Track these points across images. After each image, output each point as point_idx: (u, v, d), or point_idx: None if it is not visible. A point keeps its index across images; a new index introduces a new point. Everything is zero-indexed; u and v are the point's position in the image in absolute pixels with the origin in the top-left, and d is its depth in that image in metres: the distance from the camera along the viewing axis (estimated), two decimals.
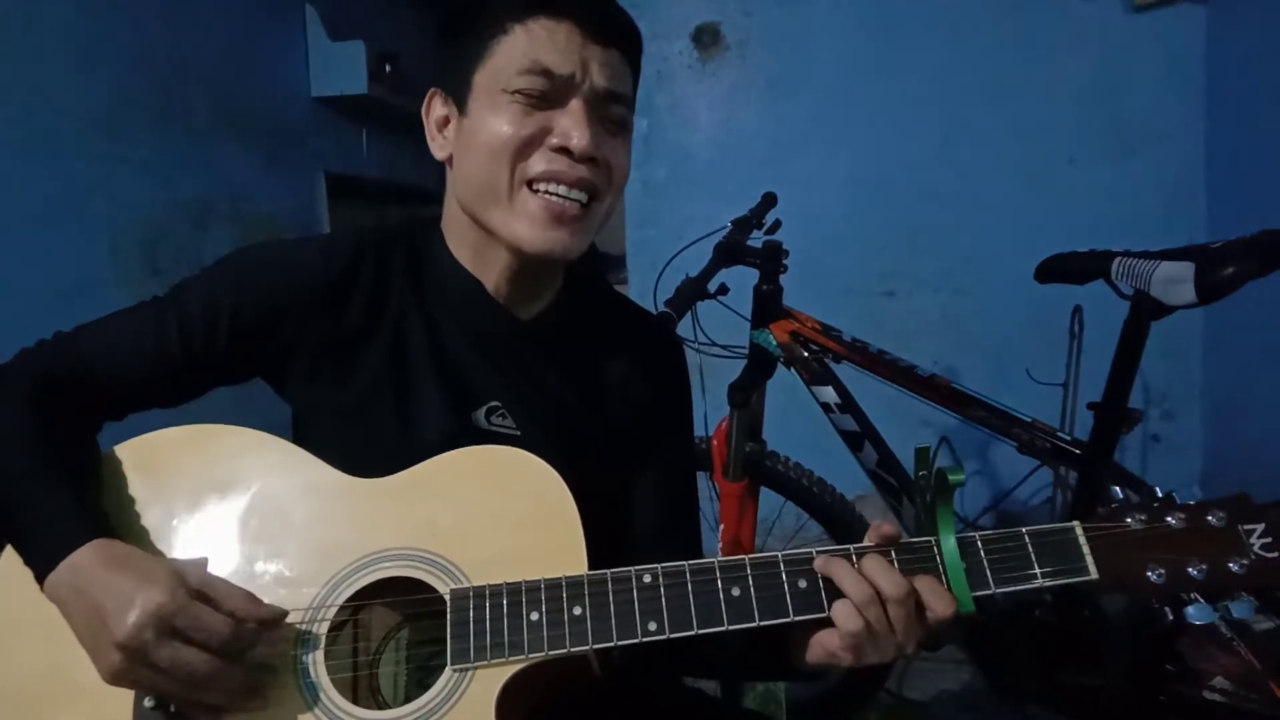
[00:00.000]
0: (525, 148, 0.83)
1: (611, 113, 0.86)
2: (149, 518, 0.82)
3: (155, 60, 2.24)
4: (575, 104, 0.83)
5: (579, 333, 0.98)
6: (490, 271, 0.91)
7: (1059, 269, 1.55)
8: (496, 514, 0.82)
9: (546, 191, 0.84)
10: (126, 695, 0.75)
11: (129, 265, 2.15)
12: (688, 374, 1.07)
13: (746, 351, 1.84)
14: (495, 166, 0.84)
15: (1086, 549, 0.75)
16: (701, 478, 1.77)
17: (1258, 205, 2.42)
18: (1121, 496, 0.79)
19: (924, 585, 0.74)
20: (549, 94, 0.83)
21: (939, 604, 0.74)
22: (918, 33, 2.79)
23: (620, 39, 0.86)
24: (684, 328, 1.74)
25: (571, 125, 0.82)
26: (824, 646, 0.77)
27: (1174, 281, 1.34)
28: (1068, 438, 1.59)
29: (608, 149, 0.86)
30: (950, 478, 0.75)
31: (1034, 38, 2.73)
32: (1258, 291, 1.33)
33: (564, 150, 0.82)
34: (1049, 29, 2.71)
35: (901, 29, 2.80)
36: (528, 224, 0.84)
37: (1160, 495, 0.78)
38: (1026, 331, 2.71)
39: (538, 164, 0.83)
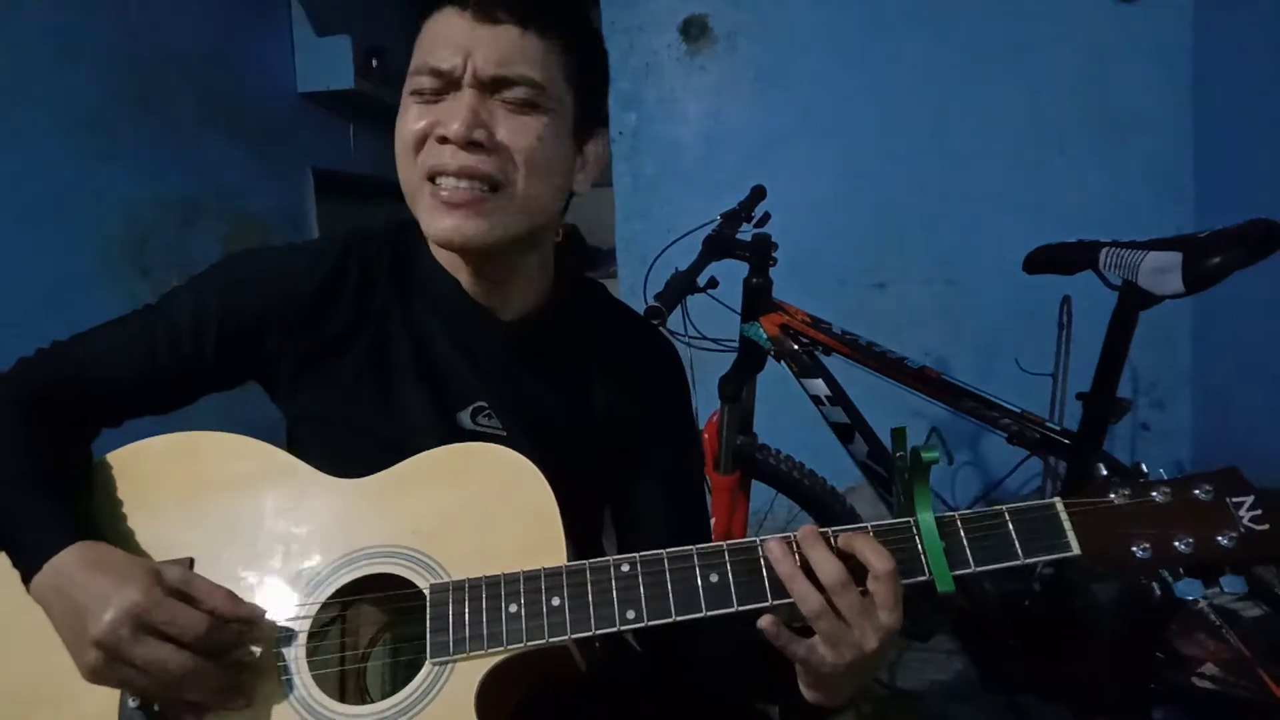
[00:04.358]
0: (420, 143, 0.83)
1: (507, 96, 0.82)
2: (136, 523, 0.83)
3: (140, 57, 2.22)
4: (460, 94, 0.81)
5: (566, 336, 0.97)
6: (458, 267, 0.91)
7: (1047, 260, 1.55)
8: (477, 510, 0.82)
9: (438, 182, 0.83)
10: (112, 697, 0.76)
11: (116, 264, 2.13)
12: (683, 381, 1.05)
13: (737, 345, 1.84)
14: (403, 166, 0.85)
15: (1069, 525, 0.74)
16: None
17: (1246, 194, 2.43)
18: (1106, 474, 0.77)
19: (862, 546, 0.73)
20: (441, 90, 0.82)
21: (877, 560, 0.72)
22: (906, 24, 2.79)
23: (516, 13, 0.81)
24: (674, 321, 1.73)
25: (449, 114, 0.81)
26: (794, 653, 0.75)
27: (1161, 271, 1.35)
28: (1057, 428, 1.60)
29: (508, 130, 0.82)
30: (925, 455, 0.75)
31: (1022, 28, 2.73)
32: (1245, 280, 1.33)
33: (445, 140, 0.81)
34: (1037, 19, 2.72)
35: (890, 20, 2.80)
36: (431, 216, 0.84)
37: (1145, 471, 0.77)
38: (1016, 322, 2.72)
39: (426, 157, 0.83)
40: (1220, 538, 0.71)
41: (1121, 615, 1.54)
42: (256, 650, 0.78)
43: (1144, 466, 0.77)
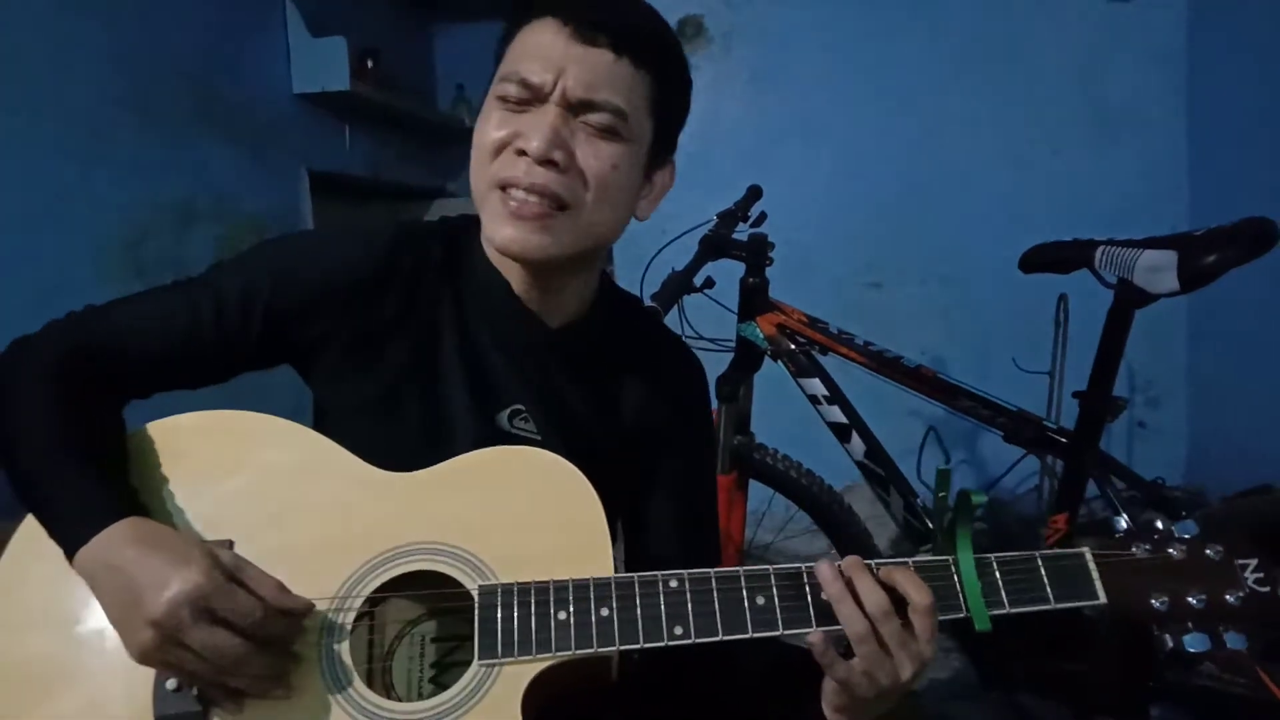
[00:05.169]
0: (498, 151, 0.83)
1: (591, 120, 0.83)
2: (174, 499, 0.82)
3: (135, 59, 2.21)
4: (544, 109, 0.82)
5: (605, 348, 0.99)
6: (512, 272, 0.91)
7: (1043, 259, 1.55)
8: (525, 514, 0.82)
9: (508, 191, 0.83)
10: (145, 677, 0.75)
11: (111, 266, 2.13)
12: (707, 396, 1.08)
13: (733, 345, 1.84)
14: (477, 169, 0.86)
15: (1096, 575, 0.79)
16: None
17: (1240, 193, 2.44)
18: (1127, 527, 0.82)
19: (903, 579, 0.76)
20: (528, 100, 0.82)
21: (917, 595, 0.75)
22: (900, 24, 2.80)
23: (614, 38, 0.82)
24: (671, 321, 1.73)
25: (532, 128, 0.81)
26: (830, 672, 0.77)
27: (1157, 270, 1.35)
28: (1054, 426, 1.60)
29: (586, 154, 0.83)
30: (974, 499, 0.78)
31: (1016, 28, 2.74)
32: (1240, 279, 1.33)
33: (523, 154, 0.81)
34: (1031, 19, 2.72)
35: (884, 20, 2.81)
36: (496, 223, 0.84)
37: (1161, 526, 0.81)
38: (1012, 321, 2.72)
39: (501, 167, 0.83)
40: (1229, 596, 0.77)
41: (1120, 614, 1.54)
42: (302, 642, 0.77)
43: (1159, 524, 0.82)
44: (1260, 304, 2.28)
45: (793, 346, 1.76)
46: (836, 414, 1.74)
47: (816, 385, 1.75)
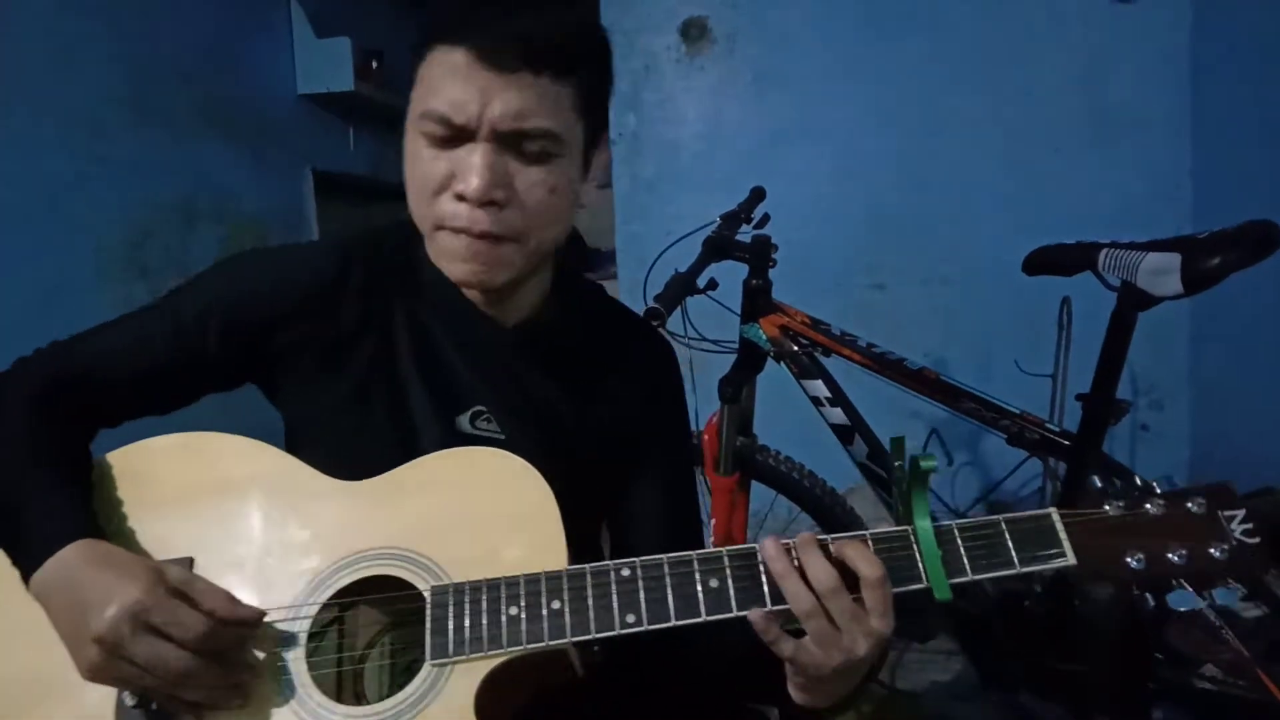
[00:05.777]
0: (436, 192, 0.82)
1: (525, 148, 0.80)
2: (136, 522, 0.83)
3: (138, 58, 2.22)
4: (475, 146, 0.79)
5: (567, 339, 0.97)
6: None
7: (1046, 261, 1.55)
8: (478, 513, 0.82)
9: (455, 233, 0.83)
10: (109, 694, 0.76)
11: (113, 266, 2.13)
12: (680, 380, 1.06)
13: (736, 346, 1.84)
14: (417, 204, 0.85)
15: (1064, 535, 0.75)
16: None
17: (1243, 195, 2.43)
18: (1100, 485, 0.78)
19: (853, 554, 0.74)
20: (451, 136, 0.80)
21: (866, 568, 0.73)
22: (903, 25, 2.79)
23: (530, 61, 0.77)
24: (674, 323, 1.73)
25: (468, 170, 0.79)
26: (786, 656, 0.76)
27: (1160, 272, 1.35)
28: (1056, 429, 1.60)
29: (525, 183, 0.81)
30: (923, 464, 0.75)
31: (1019, 28, 2.73)
32: (1244, 281, 1.33)
33: (463, 198, 0.80)
34: (1034, 20, 2.72)
35: (887, 21, 2.80)
36: (446, 260, 0.85)
37: (1140, 483, 0.78)
38: (1015, 323, 2.72)
39: (444, 210, 0.82)
40: (1213, 550, 0.73)
41: (1120, 615, 1.54)
42: (257, 652, 0.78)
43: (1138, 479, 0.78)
44: (1263, 307, 2.28)
45: (795, 348, 1.76)
46: (839, 416, 1.74)
47: (819, 387, 1.75)
